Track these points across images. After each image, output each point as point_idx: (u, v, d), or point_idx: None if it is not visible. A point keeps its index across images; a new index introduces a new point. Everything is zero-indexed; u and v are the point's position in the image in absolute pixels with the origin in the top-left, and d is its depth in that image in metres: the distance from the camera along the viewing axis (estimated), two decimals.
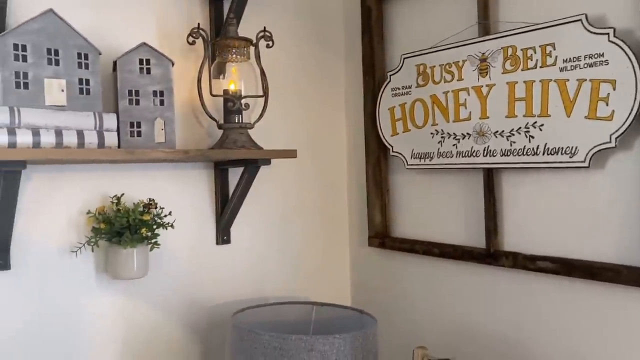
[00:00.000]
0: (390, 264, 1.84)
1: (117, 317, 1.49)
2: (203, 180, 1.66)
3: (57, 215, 1.41)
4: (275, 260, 1.81)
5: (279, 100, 1.77)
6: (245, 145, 1.50)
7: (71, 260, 1.42)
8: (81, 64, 1.28)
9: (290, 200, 1.85)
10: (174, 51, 1.57)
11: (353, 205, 1.97)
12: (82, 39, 1.28)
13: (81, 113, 1.27)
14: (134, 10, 1.53)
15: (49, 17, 1.23)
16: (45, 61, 1.23)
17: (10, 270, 1.33)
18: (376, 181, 1.83)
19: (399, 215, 1.82)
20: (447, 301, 1.66)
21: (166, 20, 1.59)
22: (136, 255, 1.40)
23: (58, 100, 1.24)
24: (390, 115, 1.75)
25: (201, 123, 1.65)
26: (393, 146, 1.75)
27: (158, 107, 1.40)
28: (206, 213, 1.66)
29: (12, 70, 1.18)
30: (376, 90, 1.80)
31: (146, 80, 1.40)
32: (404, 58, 1.70)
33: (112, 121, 1.31)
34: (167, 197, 1.55)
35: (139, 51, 1.39)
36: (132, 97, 1.38)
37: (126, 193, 1.49)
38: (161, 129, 1.41)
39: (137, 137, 1.38)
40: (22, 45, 1.19)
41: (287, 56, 1.83)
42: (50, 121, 1.22)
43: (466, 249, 1.58)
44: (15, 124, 1.16)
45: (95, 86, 1.30)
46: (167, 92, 1.42)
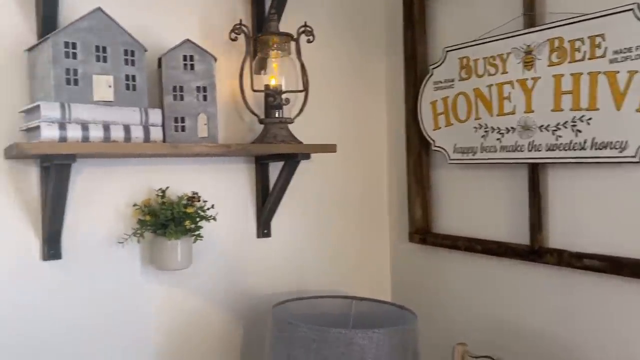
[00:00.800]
0: (431, 260, 1.82)
1: (162, 306, 1.53)
2: (244, 175, 1.68)
3: (105, 207, 1.46)
4: (315, 254, 1.82)
5: (319, 94, 1.77)
6: (286, 140, 1.52)
7: (118, 251, 1.47)
8: (127, 61, 1.32)
9: (330, 194, 1.85)
10: (217, 47, 1.60)
11: (393, 200, 1.96)
12: (128, 36, 1.32)
13: (128, 108, 1.30)
14: (178, 8, 1.56)
15: (97, 16, 1.27)
16: (93, 58, 1.27)
17: (62, 259, 1.38)
18: (417, 176, 1.81)
19: (440, 210, 1.80)
20: (489, 298, 1.63)
21: (209, 17, 1.62)
22: (180, 246, 1.44)
23: (106, 96, 1.28)
24: (432, 109, 1.73)
25: (243, 118, 1.67)
26: (435, 140, 1.73)
27: (201, 102, 1.43)
28: (247, 207, 1.69)
29: (64, 67, 1.22)
30: (418, 84, 1.78)
31: (190, 76, 1.42)
32: (447, 51, 1.68)
33: (157, 116, 1.35)
34: (210, 190, 1.58)
35: (183, 48, 1.42)
36: (176, 92, 1.41)
37: (171, 186, 1.53)
38: (204, 124, 1.43)
39: (181, 131, 1.41)
40: (72, 43, 1.24)
41: (327, 50, 1.83)
42: (99, 116, 1.26)
43: (509, 245, 1.55)
44: (66, 119, 1.21)
45: (141, 82, 1.33)
46: (210, 87, 1.44)
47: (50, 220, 1.32)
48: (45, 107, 1.18)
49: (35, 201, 1.36)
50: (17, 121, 1.32)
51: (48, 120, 1.19)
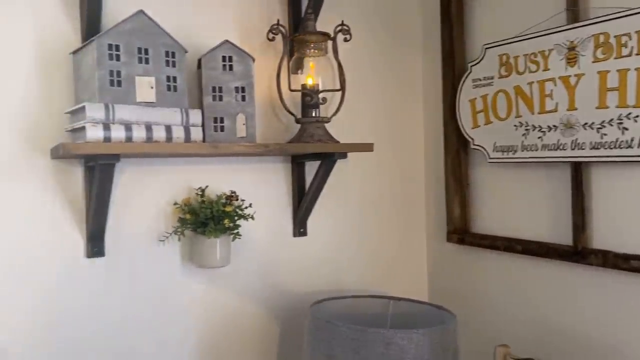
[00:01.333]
0: (470, 260, 1.80)
1: (201, 303, 1.56)
2: (281, 174, 1.69)
3: (147, 205, 1.48)
4: (351, 253, 1.82)
5: (356, 93, 1.77)
6: (322, 139, 1.52)
7: (159, 249, 1.49)
8: (169, 62, 1.34)
9: (366, 193, 1.85)
10: (254, 47, 1.61)
11: (431, 199, 1.94)
12: (169, 37, 1.34)
13: (169, 109, 1.32)
14: (217, 9, 1.58)
15: (139, 18, 1.30)
16: (136, 60, 1.29)
17: (105, 256, 1.42)
18: (455, 175, 1.79)
19: (479, 210, 1.77)
20: (530, 300, 1.60)
21: (247, 17, 1.63)
22: (219, 245, 1.46)
23: (148, 96, 1.31)
24: (470, 107, 1.70)
25: (280, 117, 1.68)
26: (474, 139, 1.70)
27: (240, 102, 1.45)
28: (284, 205, 1.69)
29: (107, 69, 1.25)
30: (456, 81, 1.76)
31: (229, 76, 1.44)
32: (486, 48, 1.65)
33: (197, 117, 1.36)
34: (248, 189, 1.60)
35: (222, 48, 1.44)
36: (215, 93, 1.43)
37: (210, 185, 1.54)
38: (242, 123, 1.45)
39: (220, 131, 1.43)
40: (115, 45, 1.26)
41: (363, 49, 1.82)
42: (141, 117, 1.28)
43: (551, 246, 1.52)
44: (110, 119, 1.24)
45: (181, 83, 1.35)
46: (248, 87, 1.46)
47: (94, 218, 1.35)
48: (90, 108, 1.21)
49: (80, 200, 1.40)
50: (63, 122, 1.36)
51: (93, 121, 1.22)
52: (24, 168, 1.33)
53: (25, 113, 1.33)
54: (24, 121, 1.33)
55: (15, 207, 1.32)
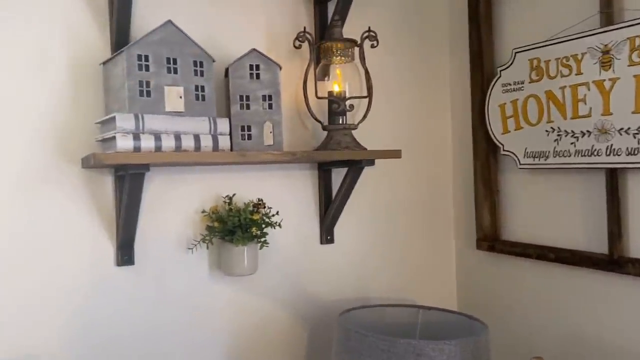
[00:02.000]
0: (500, 268, 1.76)
1: (229, 311, 1.56)
2: (308, 181, 1.68)
3: (176, 213, 1.49)
4: (379, 261, 1.80)
5: (383, 99, 1.76)
6: (349, 146, 1.51)
7: (187, 257, 1.50)
8: (197, 72, 1.34)
9: (394, 199, 1.83)
10: (281, 54, 1.61)
11: (459, 205, 1.91)
12: (197, 47, 1.35)
13: (197, 118, 1.33)
14: (244, 18, 1.58)
15: (167, 28, 1.31)
16: (165, 70, 1.30)
17: (134, 265, 1.43)
18: (485, 181, 1.76)
19: (509, 217, 1.74)
20: (564, 310, 1.56)
21: (273, 25, 1.63)
22: (247, 253, 1.46)
23: (177, 106, 1.31)
24: (500, 112, 1.67)
25: (306, 124, 1.68)
26: (504, 144, 1.67)
27: (267, 110, 1.45)
28: (311, 213, 1.69)
29: (137, 79, 1.26)
30: (485, 86, 1.73)
31: (256, 85, 1.44)
32: (516, 52, 1.62)
33: (225, 125, 1.37)
34: (274, 196, 1.60)
35: (249, 57, 1.44)
36: (243, 102, 1.43)
37: (237, 193, 1.55)
38: (270, 132, 1.44)
39: (248, 140, 1.43)
40: (144, 56, 1.27)
41: (390, 54, 1.81)
42: (170, 126, 1.29)
43: (585, 254, 1.48)
44: (140, 129, 1.25)
45: (209, 92, 1.36)
46: (275, 96, 1.45)
47: (124, 227, 1.36)
48: (120, 119, 1.22)
49: (110, 209, 1.41)
50: (93, 132, 1.37)
51: (123, 132, 1.23)
52: (55, 177, 1.35)
53: (57, 123, 1.35)
54: (55, 131, 1.35)
55: (46, 215, 1.34)
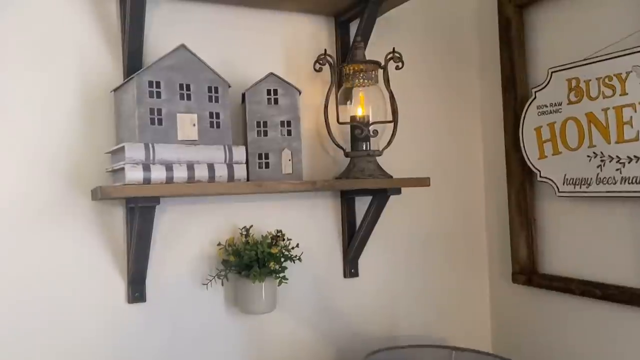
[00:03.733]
0: (539, 304, 1.63)
1: (246, 351, 1.46)
2: (330, 210, 1.59)
3: (190, 246, 1.41)
4: (407, 295, 1.69)
5: (409, 123, 1.66)
6: (374, 174, 1.41)
7: (202, 293, 1.42)
8: (211, 98, 1.28)
9: (422, 229, 1.72)
10: (300, 78, 1.54)
11: (493, 235, 1.79)
12: (212, 72, 1.28)
13: (212, 147, 1.26)
14: (261, 40, 1.52)
15: (181, 53, 1.25)
16: (177, 97, 1.24)
17: (146, 302, 1.35)
18: (520, 209, 1.64)
19: (548, 248, 1.61)
20: (612, 352, 1.42)
21: (292, 47, 1.56)
22: (264, 289, 1.36)
23: (190, 134, 1.25)
24: (536, 136, 1.56)
25: (327, 150, 1.59)
26: (541, 170, 1.55)
27: (285, 137, 1.37)
28: (333, 244, 1.59)
29: (147, 107, 1.20)
30: (518, 108, 1.63)
31: (274, 110, 1.37)
32: (552, 72, 1.51)
33: (241, 154, 1.29)
34: (294, 227, 1.51)
35: (267, 81, 1.37)
36: (260, 128, 1.36)
37: (255, 224, 1.46)
38: (288, 159, 1.36)
39: (265, 168, 1.35)
40: (156, 82, 1.21)
41: (416, 76, 1.72)
42: (183, 156, 1.22)
43: (636, 291, 1.34)
44: (150, 159, 1.18)
45: (225, 119, 1.29)
46: (294, 121, 1.38)
47: (135, 261, 1.29)
48: (129, 149, 1.15)
49: (121, 242, 1.34)
50: (105, 161, 1.31)
51: (132, 162, 1.16)
52: (64, 209, 1.29)
53: (67, 152, 1.29)
54: (65, 161, 1.29)
55: (55, 249, 1.27)
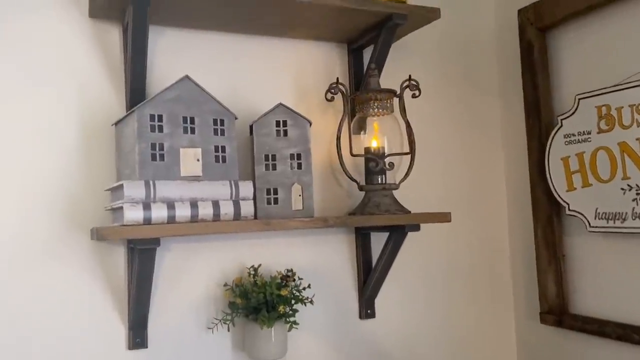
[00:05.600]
0: (571, 348, 1.50)
1: None
2: (343, 246, 1.50)
3: (195, 287, 1.33)
4: (428, 337, 1.58)
5: (425, 153, 1.58)
6: (390, 210, 1.32)
7: (208, 337, 1.33)
8: (217, 131, 1.21)
9: (442, 265, 1.62)
10: (311, 107, 1.47)
11: (518, 273, 1.68)
12: (217, 104, 1.21)
13: (217, 182, 1.18)
14: (269, 68, 1.45)
15: (184, 84, 1.18)
16: (180, 130, 1.17)
17: (148, 348, 1.26)
18: (548, 244, 1.53)
19: (580, 286, 1.49)
20: None
21: (302, 75, 1.49)
22: (274, 335, 1.27)
23: (193, 170, 1.17)
24: (564, 166, 1.46)
25: (340, 182, 1.51)
26: (569, 204, 1.45)
27: (295, 171, 1.29)
28: (347, 283, 1.49)
29: (149, 141, 1.13)
30: (543, 136, 1.53)
31: (283, 143, 1.29)
32: (579, 99, 1.42)
33: (248, 189, 1.21)
34: (306, 265, 1.43)
35: (275, 112, 1.29)
36: (268, 161, 1.28)
37: (263, 262, 1.38)
38: (299, 195, 1.28)
39: (274, 204, 1.27)
40: (158, 115, 1.14)
41: (432, 104, 1.63)
42: (186, 193, 1.14)
43: None
44: (151, 198, 1.10)
45: (231, 153, 1.21)
46: (305, 154, 1.30)
47: (136, 305, 1.21)
48: (128, 188, 1.08)
49: (122, 283, 1.26)
50: (104, 198, 1.25)
51: (131, 201, 1.09)
52: (62, 247, 1.22)
53: (66, 188, 1.23)
54: (63, 197, 1.22)
55: (52, 290, 1.20)
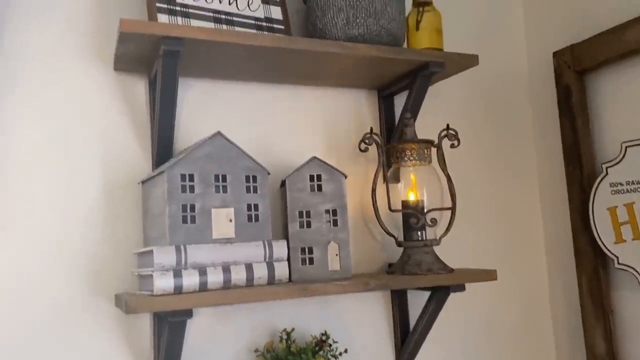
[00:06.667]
0: None
1: None
2: (379, 306, 1.41)
3: (223, 354, 1.24)
4: None
5: (460, 203, 1.50)
6: (433, 269, 1.24)
7: None
8: (249, 188, 1.14)
9: (481, 323, 1.53)
10: (341, 156, 1.42)
11: (562, 330, 1.58)
12: (250, 159, 1.15)
13: (249, 244, 1.11)
14: (298, 116, 1.39)
15: (216, 141, 1.12)
16: (212, 189, 1.10)
17: None
18: (594, 298, 1.44)
19: (633, 345, 1.40)
20: None
21: (332, 123, 1.43)
22: None
23: (226, 232, 1.10)
24: (611, 217, 1.38)
25: (373, 235, 1.44)
26: (618, 257, 1.37)
27: (331, 228, 1.21)
28: (383, 345, 1.40)
29: (179, 203, 1.06)
30: (585, 184, 1.46)
31: (318, 198, 1.22)
32: (626, 146, 1.35)
33: (282, 249, 1.14)
34: (340, 327, 1.35)
35: (309, 166, 1.23)
36: (302, 219, 1.21)
37: (297, 324, 1.30)
38: (335, 254, 1.20)
39: (309, 264, 1.19)
40: (189, 175, 1.08)
41: (465, 151, 1.57)
42: (217, 257, 1.07)
43: None
44: (182, 264, 1.03)
45: (264, 211, 1.14)
46: (341, 210, 1.22)
47: None
48: (159, 254, 1.01)
49: (148, 353, 1.18)
50: (130, 261, 1.17)
51: (162, 269, 1.01)
52: (84, 314, 1.14)
53: (89, 249, 1.16)
54: (86, 258, 1.15)
55: None
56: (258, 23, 1.22)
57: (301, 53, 1.18)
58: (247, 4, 1.22)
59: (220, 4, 1.17)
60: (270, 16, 1.24)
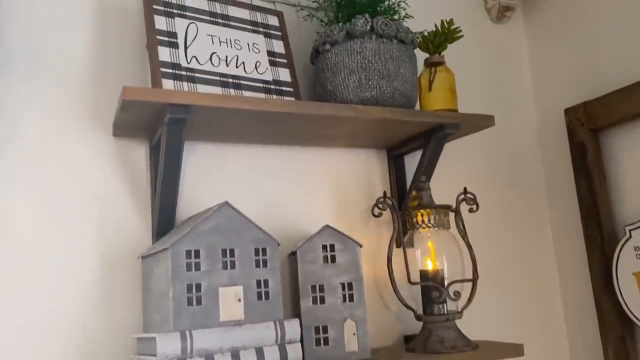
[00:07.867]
0: None
1: None
2: None
3: None
4: None
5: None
6: (457, 346, 1.15)
7: None
8: (259, 262, 1.05)
9: None
10: (352, 220, 1.35)
11: None
12: (259, 230, 1.06)
13: (260, 325, 1.01)
14: (306, 179, 1.32)
15: (224, 212, 1.03)
16: (220, 265, 1.01)
17: None
18: None
19: None
20: None
21: (341, 184, 1.36)
22: None
23: (234, 313, 1.00)
24: (637, 282, 1.31)
25: (388, 305, 1.35)
26: None
27: (347, 304, 1.12)
28: None
29: (184, 283, 0.97)
30: (606, 247, 1.39)
31: (331, 270, 1.13)
32: None
33: (294, 330, 1.04)
34: None
35: (321, 236, 1.15)
36: (315, 294, 1.12)
37: None
38: (352, 333, 1.11)
39: (324, 345, 1.10)
40: (195, 251, 0.99)
41: (478, 215, 1.49)
42: (225, 342, 0.97)
43: None
44: (188, 352, 0.93)
45: (274, 287, 1.05)
46: (357, 283, 1.14)
47: None
48: (162, 342, 0.91)
49: None
50: (129, 343, 1.07)
51: (166, 358, 0.91)
52: None
53: (82, 329, 1.05)
54: (80, 339, 1.04)
55: None
56: (266, 86, 1.16)
57: (312, 117, 1.12)
58: (255, 66, 1.16)
59: (228, 67, 1.11)
60: (278, 78, 1.18)
